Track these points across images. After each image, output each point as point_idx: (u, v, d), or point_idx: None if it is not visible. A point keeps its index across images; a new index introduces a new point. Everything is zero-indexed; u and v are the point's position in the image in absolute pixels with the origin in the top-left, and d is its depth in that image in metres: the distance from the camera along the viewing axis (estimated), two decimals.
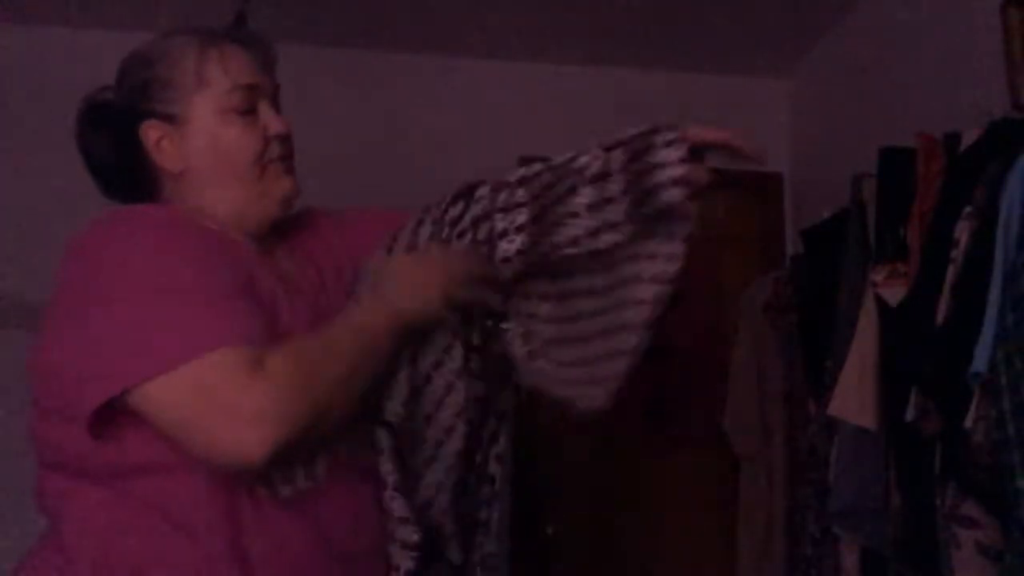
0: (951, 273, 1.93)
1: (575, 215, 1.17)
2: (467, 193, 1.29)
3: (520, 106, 3.54)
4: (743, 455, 3.16)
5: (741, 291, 3.27)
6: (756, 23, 3.34)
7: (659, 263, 1.18)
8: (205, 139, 1.22)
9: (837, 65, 3.41)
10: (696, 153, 1.14)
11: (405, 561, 1.20)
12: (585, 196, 1.17)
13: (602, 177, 1.16)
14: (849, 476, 2.38)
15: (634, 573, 3.47)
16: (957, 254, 1.93)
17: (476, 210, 1.27)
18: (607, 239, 1.17)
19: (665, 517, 3.50)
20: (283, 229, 1.31)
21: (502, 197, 1.25)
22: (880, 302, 2.30)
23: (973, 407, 1.77)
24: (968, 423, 1.77)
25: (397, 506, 1.21)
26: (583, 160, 1.19)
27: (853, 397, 2.32)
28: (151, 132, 1.23)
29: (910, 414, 2.03)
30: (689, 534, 3.46)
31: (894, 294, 2.23)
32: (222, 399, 1.01)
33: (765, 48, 3.54)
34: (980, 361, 1.74)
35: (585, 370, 1.29)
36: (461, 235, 1.27)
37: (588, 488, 3.51)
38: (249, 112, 1.24)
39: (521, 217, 1.22)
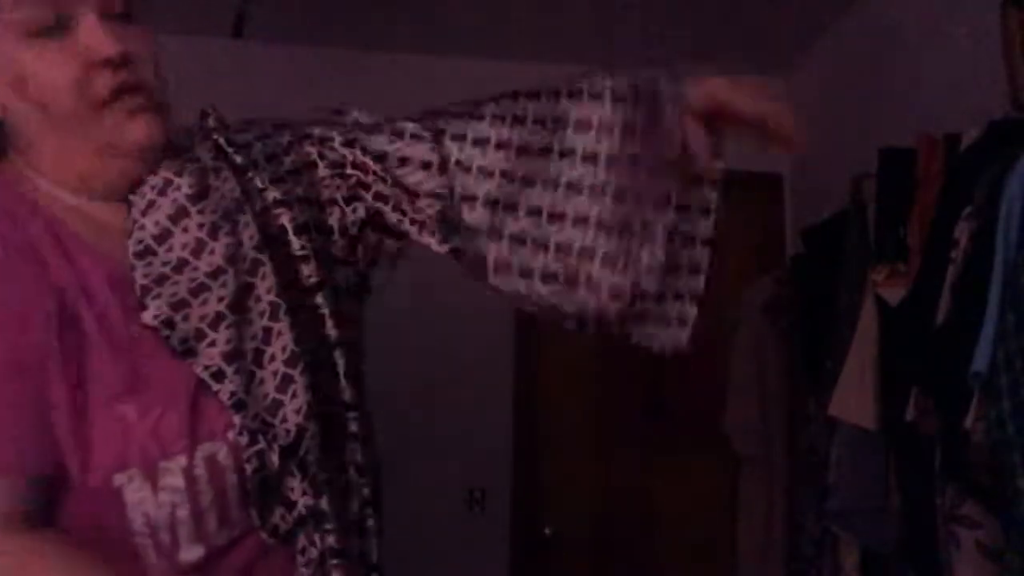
0: (951, 273, 1.93)
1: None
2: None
3: None
4: (743, 455, 3.16)
5: (741, 291, 3.27)
6: (754, 22, 3.34)
7: None
8: (4, 69, 0.90)
9: (836, 65, 3.41)
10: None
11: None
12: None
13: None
14: (849, 476, 2.39)
15: (634, 573, 3.47)
16: (957, 254, 1.93)
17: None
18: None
19: (665, 517, 3.50)
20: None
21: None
22: (880, 302, 2.30)
23: (973, 407, 1.77)
24: (968, 423, 1.77)
25: None
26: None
27: (853, 397, 2.32)
28: None
29: (910, 414, 2.03)
30: (689, 534, 3.46)
31: (894, 294, 2.23)
32: None
33: (764, 47, 3.53)
34: (980, 361, 1.74)
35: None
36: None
37: (588, 488, 3.51)
38: (58, 31, 0.89)
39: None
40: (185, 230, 0.93)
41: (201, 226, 0.94)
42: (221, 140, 1.03)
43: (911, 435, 2.07)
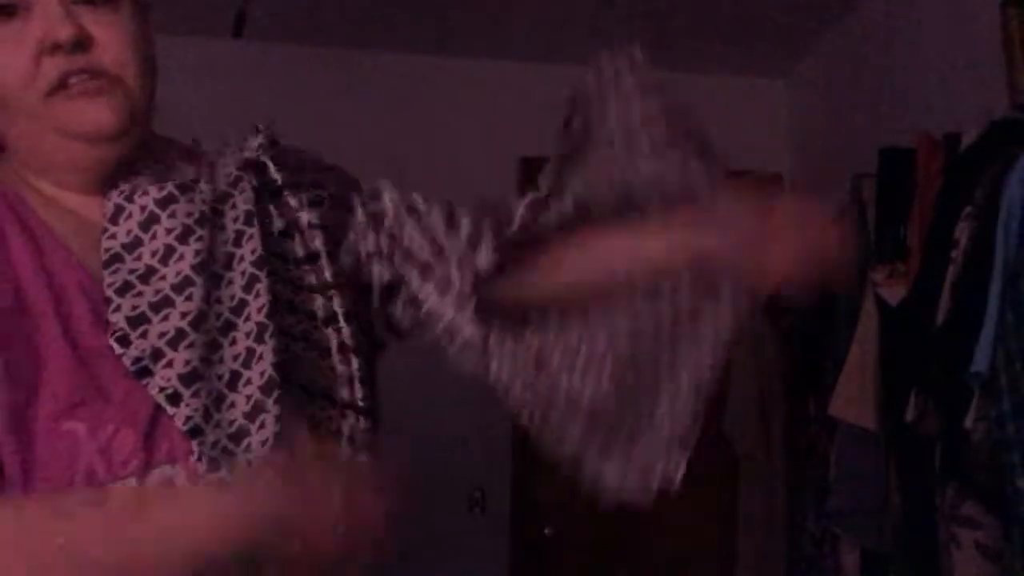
0: (951, 273, 1.94)
1: None
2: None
3: (520, 106, 3.54)
4: (743, 455, 3.16)
5: None
6: (755, 23, 3.34)
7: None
8: None
9: (837, 65, 3.41)
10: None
11: None
12: None
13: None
14: (849, 476, 2.39)
15: (634, 573, 3.47)
16: (957, 254, 1.93)
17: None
18: None
19: (665, 517, 3.50)
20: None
21: None
22: (880, 302, 2.30)
23: (973, 407, 1.77)
24: (968, 423, 1.77)
25: None
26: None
27: (853, 397, 2.32)
28: None
29: (910, 414, 2.03)
30: (689, 534, 3.45)
31: (894, 294, 2.23)
32: None
33: (765, 48, 3.53)
34: (980, 361, 1.74)
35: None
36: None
37: (588, 488, 3.51)
38: (16, 14, 0.86)
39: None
40: (154, 236, 0.89)
41: (170, 231, 0.89)
42: (265, 159, 0.98)
43: (911, 435, 2.07)
